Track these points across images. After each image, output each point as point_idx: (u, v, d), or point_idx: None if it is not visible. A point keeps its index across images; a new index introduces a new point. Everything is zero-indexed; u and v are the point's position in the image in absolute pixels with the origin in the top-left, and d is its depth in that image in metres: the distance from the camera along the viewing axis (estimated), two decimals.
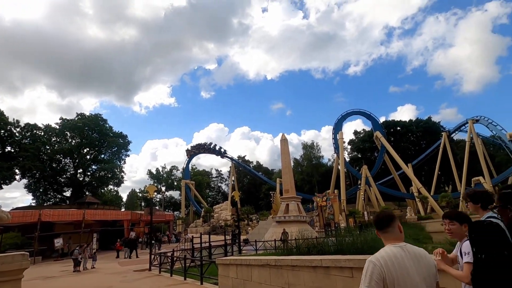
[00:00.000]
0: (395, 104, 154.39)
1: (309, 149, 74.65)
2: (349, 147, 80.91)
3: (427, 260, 2.03)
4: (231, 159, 68.15)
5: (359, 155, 75.02)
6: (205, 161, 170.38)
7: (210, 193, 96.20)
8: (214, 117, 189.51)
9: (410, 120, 75.83)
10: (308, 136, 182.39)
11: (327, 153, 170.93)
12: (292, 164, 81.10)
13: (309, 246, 14.48)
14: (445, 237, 23.67)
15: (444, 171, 58.27)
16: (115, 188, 69.55)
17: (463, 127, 53.24)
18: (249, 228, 41.94)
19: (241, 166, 72.04)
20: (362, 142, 74.69)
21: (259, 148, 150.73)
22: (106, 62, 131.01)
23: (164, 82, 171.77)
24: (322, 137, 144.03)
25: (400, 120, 76.61)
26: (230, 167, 69.68)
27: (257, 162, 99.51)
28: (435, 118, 78.06)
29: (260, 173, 76.26)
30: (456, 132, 57.75)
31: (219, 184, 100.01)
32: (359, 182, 51.66)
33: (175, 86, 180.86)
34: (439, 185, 61.66)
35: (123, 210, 54.93)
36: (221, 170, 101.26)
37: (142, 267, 15.33)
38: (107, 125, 59.64)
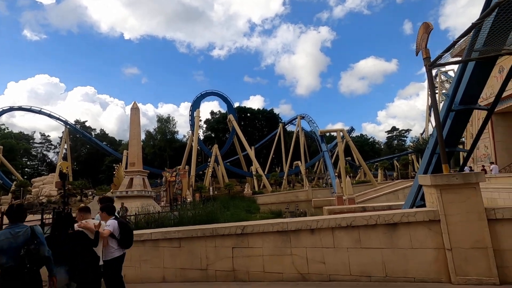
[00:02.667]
0: (248, 93, 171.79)
1: (165, 123, 71.80)
2: (204, 126, 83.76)
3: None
4: (65, 123, 55.82)
5: (213, 135, 79.22)
6: (24, 122, 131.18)
7: (29, 163, 75.66)
8: (44, 67, 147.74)
9: (258, 109, 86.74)
10: (166, 109, 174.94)
11: (183, 130, 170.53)
12: (144, 136, 75.58)
13: (149, 221, 14.14)
14: (269, 208, 29.04)
15: (277, 155, 70.78)
16: None
17: (294, 121, 66.30)
18: (82, 204, 36.23)
19: (78, 132, 60.40)
20: (217, 123, 79.10)
21: (106, 114, 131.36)
22: None
23: None
24: (180, 113, 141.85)
25: (251, 107, 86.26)
26: (62, 132, 56.99)
27: (102, 130, 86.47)
28: (276, 111, 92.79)
29: (104, 143, 66.69)
30: (289, 124, 71.32)
31: (45, 152, 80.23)
32: (209, 159, 54.73)
33: None
34: (272, 166, 74.54)
35: None
36: (48, 135, 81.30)
37: None
38: None
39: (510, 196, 16.25)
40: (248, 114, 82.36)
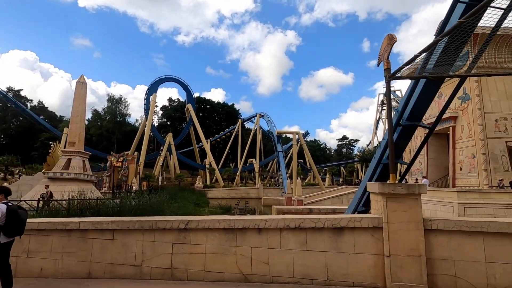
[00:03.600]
0: (209, 85, 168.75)
1: (116, 103, 66.60)
2: (160, 112, 79.94)
3: None
4: None
5: (168, 123, 75.94)
6: None
7: None
8: None
9: (218, 102, 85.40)
10: (119, 90, 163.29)
11: (136, 114, 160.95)
12: (90, 115, 69.37)
13: (84, 208, 12.84)
14: (218, 202, 28.69)
15: (232, 150, 70.51)
16: None
17: (253, 118, 66.62)
18: (6, 183, 31.80)
19: (10, 101, 52.99)
20: (174, 111, 75.97)
21: (48, 86, 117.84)
22: None
23: None
24: (135, 96, 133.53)
25: (211, 99, 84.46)
26: None
27: (40, 102, 77.05)
28: (236, 106, 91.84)
29: (41, 117, 59.46)
30: (247, 121, 71.48)
31: None
32: (161, 148, 52.26)
33: None
34: (226, 161, 74.06)
35: None
36: None
37: None
38: None
39: (435, 208, 18.18)
40: (208, 106, 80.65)
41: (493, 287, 4.03)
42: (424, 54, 5.49)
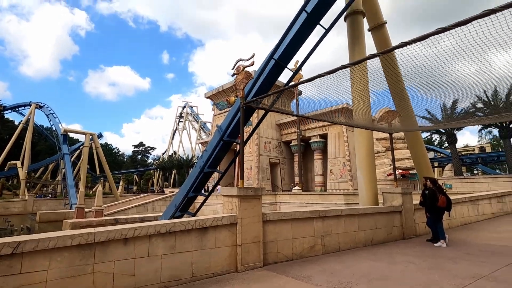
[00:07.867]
0: None
1: None
2: None
3: None
4: None
5: None
6: None
7: None
8: None
9: None
10: None
11: None
12: None
13: None
14: None
15: None
16: None
17: (22, 108, 50.26)
18: None
19: None
20: None
21: None
22: None
23: None
24: None
25: None
26: None
27: None
28: None
29: None
30: (11, 110, 52.76)
31: None
32: None
33: None
34: None
35: None
36: None
37: None
38: None
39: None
40: None
41: (295, 254, 6.13)
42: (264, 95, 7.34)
